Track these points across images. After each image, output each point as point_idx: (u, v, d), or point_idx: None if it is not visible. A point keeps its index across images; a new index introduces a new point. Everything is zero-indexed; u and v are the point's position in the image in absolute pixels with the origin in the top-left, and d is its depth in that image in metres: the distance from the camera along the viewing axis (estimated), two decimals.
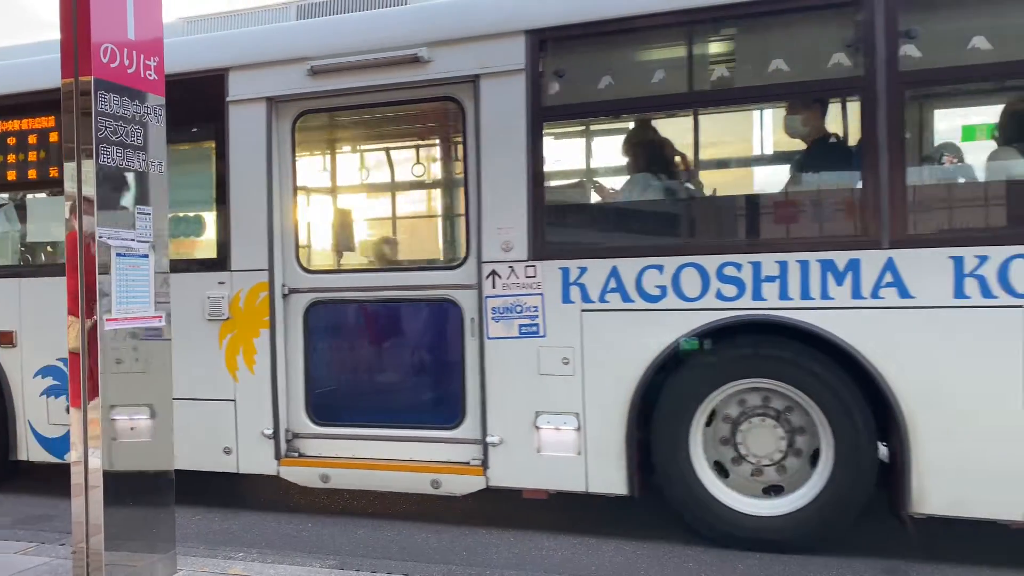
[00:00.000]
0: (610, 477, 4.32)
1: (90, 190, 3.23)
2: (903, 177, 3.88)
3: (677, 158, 4.66)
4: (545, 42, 4.41)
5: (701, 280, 4.13)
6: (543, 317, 4.41)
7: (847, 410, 3.97)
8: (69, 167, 3.27)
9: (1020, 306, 3.68)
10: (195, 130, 5.16)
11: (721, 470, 4.28)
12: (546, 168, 4.49)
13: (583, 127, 5.07)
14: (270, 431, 4.89)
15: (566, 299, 4.36)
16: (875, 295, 3.87)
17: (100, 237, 3.26)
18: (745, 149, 4.95)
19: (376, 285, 4.92)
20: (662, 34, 4.37)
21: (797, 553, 4.06)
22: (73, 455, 3.32)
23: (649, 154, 4.65)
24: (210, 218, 5.23)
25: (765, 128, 4.75)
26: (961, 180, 4.24)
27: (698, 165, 4.66)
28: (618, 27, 4.32)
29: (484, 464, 4.54)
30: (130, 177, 3.42)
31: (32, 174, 5.43)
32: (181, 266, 4.74)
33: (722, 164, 4.91)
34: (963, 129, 4.18)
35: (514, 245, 4.44)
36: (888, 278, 3.85)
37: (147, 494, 3.55)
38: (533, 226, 4.41)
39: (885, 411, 3.91)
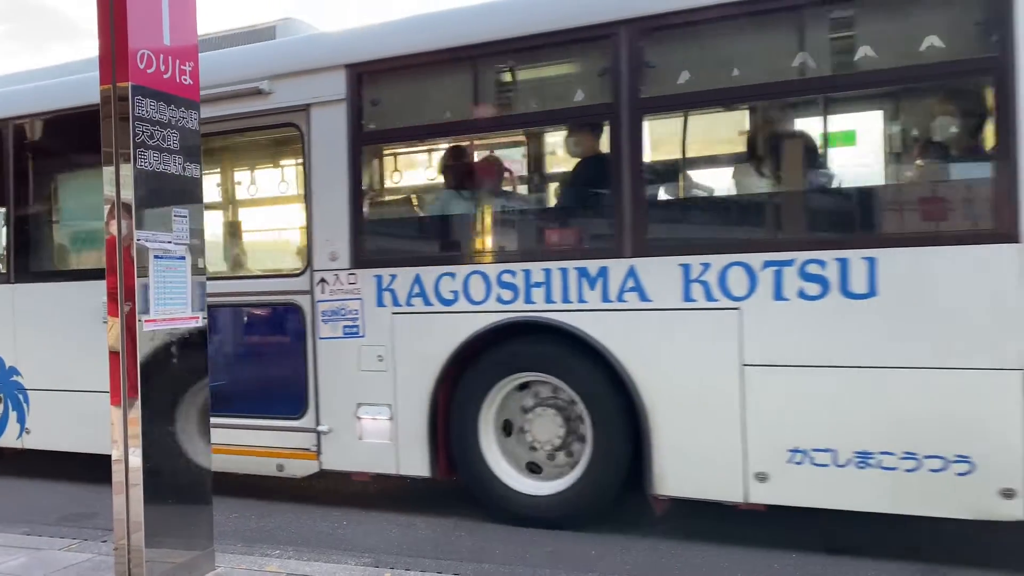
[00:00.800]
0: (416, 461, 4.86)
1: (128, 194, 3.29)
2: (642, 193, 4.33)
3: (469, 178, 5.18)
4: (362, 75, 4.97)
5: (485, 286, 4.64)
6: (362, 319, 4.97)
7: (600, 400, 4.43)
8: (108, 171, 3.33)
9: (736, 308, 4.09)
10: (86, 155, 5.87)
11: (509, 453, 4.77)
12: (364, 187, 5.06)
13: (396, 150, 5.61)
14: None
15: (380, 303, 4.92)
16: (620, 298, 4.33)
17: (138, 240, 3.32)
18: (524, 168, 5.43)
19: (237, 291, 5.54)
20: (451, 67, 4.87)
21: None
22: (114, 453, 3.38)
23: (447, 175, 5.20)
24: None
25: (541, 150, 5.21)
26: (691, 196, 4.65)
27: (485, 184, 5.16)
28: (417, 61, 4.86)
29: (318, 450, 5.12)
30: (166, 180, 3.48)
31: None
32: (92, 274, 5.42)
33: (504, 183, 5.38)
34: (704, 148, 4.56)
35: (339, 255, 5.02)
36: (631, 283, 4.30)
37: (186, 492, 3.62)
38: (354, 238, 4.98)
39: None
